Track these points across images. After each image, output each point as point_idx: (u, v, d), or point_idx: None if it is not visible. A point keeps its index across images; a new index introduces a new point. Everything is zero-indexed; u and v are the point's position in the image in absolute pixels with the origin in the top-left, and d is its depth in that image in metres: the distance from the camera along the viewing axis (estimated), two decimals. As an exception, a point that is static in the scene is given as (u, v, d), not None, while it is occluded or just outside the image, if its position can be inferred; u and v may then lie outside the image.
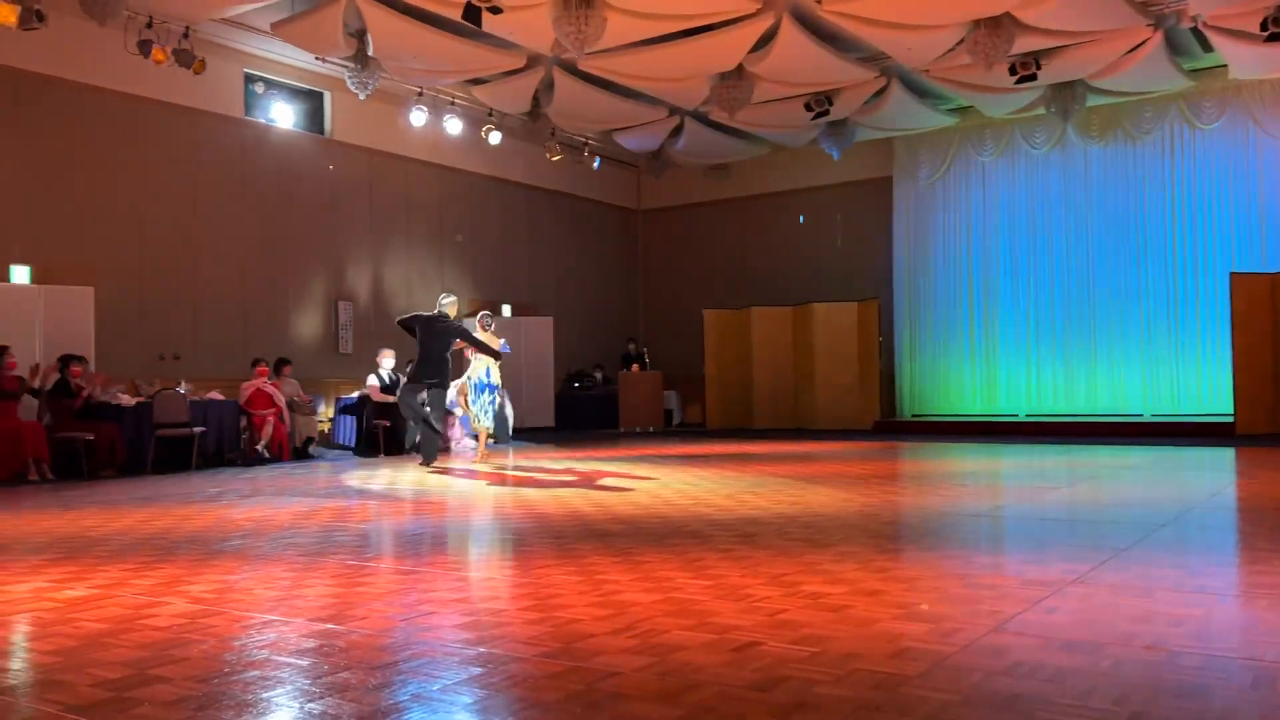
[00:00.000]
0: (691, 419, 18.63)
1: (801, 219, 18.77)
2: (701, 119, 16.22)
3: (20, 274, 11.20)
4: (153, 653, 3.18)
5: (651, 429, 17.01)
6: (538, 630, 3.39)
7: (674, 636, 3.28)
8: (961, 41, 12.38)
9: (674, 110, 15.92)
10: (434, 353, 10.10)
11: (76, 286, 11.42)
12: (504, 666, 2.98)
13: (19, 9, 10.36)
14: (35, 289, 11.08)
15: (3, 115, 11.31)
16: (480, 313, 11.77)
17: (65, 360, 10.27)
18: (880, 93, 14.87)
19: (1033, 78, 13.38)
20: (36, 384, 9.94)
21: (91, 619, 3.66)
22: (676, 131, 16.70)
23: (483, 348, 10.56)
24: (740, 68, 13.53)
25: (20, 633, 3.61)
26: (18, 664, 3.23)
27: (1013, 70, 13.25)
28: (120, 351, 12.02)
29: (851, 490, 7.56)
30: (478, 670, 2.95)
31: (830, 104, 14.84)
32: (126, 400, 10.73)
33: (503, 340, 11.28)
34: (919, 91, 15.17)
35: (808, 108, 14.97)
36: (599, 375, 18.32)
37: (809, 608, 3.66)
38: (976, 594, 3.91)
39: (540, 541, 5.37)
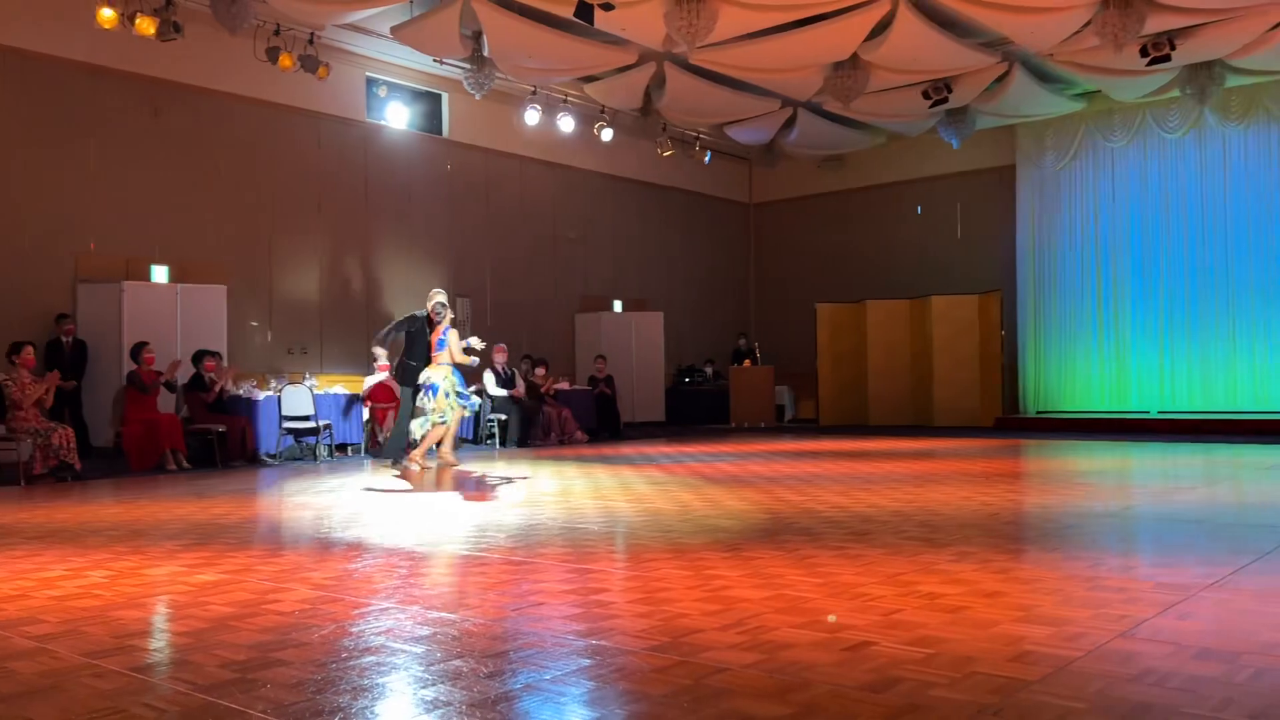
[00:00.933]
0: (804, 415, 18.41)
1: (919, 210, 18.34)
2: (815, 110, 16.00)
3: (160, 274, 11.79)
4: (275, 636, 3.29)
5: (763, 425, 16.87)
6: (646, 624, 3.38)
7: (784, 634, 3.24)
8: (1089, 23, 11.88)
9: (787, 102, 15.74)
10: (422, 353, 9.91)
11: (210, 285, 11.96)
12: (613, 659, 2.98)
13: (159, 21, 10.91)
14: (173, 287, 11.64)
15: (143, 123, 11.91)
16: (434, 301, 9.86)
17: (199, 355, 10.76)
18: (1002, 78, 14.39)
19: (1166, 59, 12.74)
20: (170, 378, 10.43)
21: (220, 603, 3.81)
22: (789, 123, 16.50)
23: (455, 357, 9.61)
24: (855, 56, 13.27)
25: (157, 615, 3.79)
26: (154, 644, 3.39)
27: (1144, 52, 12.65)
28: (251, 347, 12.56)
29: (971, 488, 7.34)
30: (587, 661, 2.96)
31: (949, 91, 14.43)
32: (257, 394, 11.19)
33: (467, 340, 9.87)
34: (1043, 76, 14.62)
35: (925, 96, 14.59)
36: (710, 370, 18.26)
37: (924, 608, 3.56)
38: (1103, 597, 3.74)
39: (650, 535, 5.37)
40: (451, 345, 9.47)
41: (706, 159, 17.66)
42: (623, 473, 9.24)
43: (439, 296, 9.90)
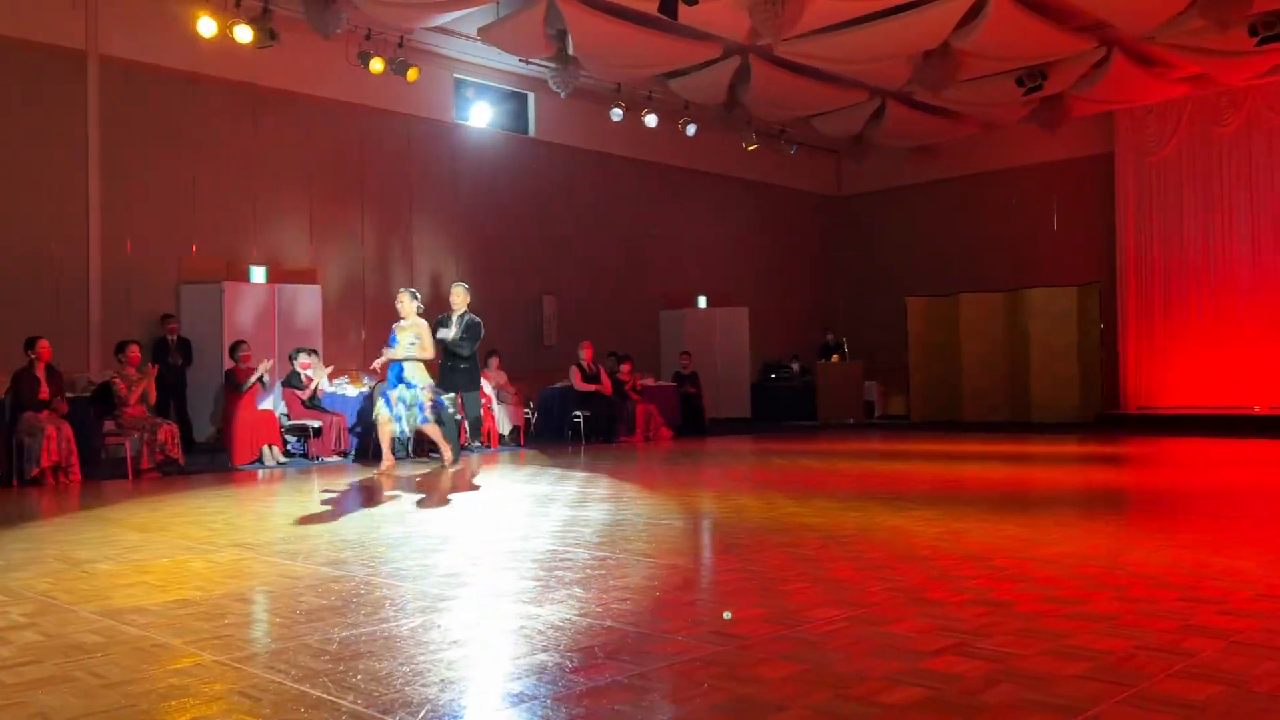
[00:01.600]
0: (894, 411, 18.11)
1: (1014, 200, 17.86)
2: (904, 100, 15.70)
3: (258, 274, 12.15)
4: (364, 629, 3.34)
5: (851, 421, 16.63)
6: (735, 621, 3.34)
7: (867, 633, 3.17)
8: (1193, 3, 11.41)
9: (875, 92, 15.48)
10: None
11: (306, 285, 12.28)
12: (697, 656, 2.95)
13: (256, 29, 11.22)
14: (270, 287, 11.98)
15: (243, 128, 12.28)
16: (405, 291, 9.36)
17: (295, 353, 11.05)
18: (1100, 63, 13.92)
19: (1277, 38, 12.17)
20: (257, 377, 10.67)
21: (313, 594, 3.88)
22: (878, 114, 16.22)
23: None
24: (946, 45, 12.98)
25: (259, 604, 3.88)
26: (254, 633, 3.47)
27: (1254, 31, 12.10)
28: (344, 344, 12.87)
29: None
30: (672, 658, 2.93)
31: (1044, 78, 14.02)
32: (350, 391, 11.44)
33: (451, 331, 9.58)
34: (1144, 60, 14.10)
35: (1019, 83, 14.21)
36: (796, 366, 18.08)
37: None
38: None
39: (735, 532, 5.32)
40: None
41: (792, 152, 17.48)
42: (706, 470, 9.20)
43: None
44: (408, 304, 9.07)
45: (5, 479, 8.58)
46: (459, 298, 9.81)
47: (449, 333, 9.57)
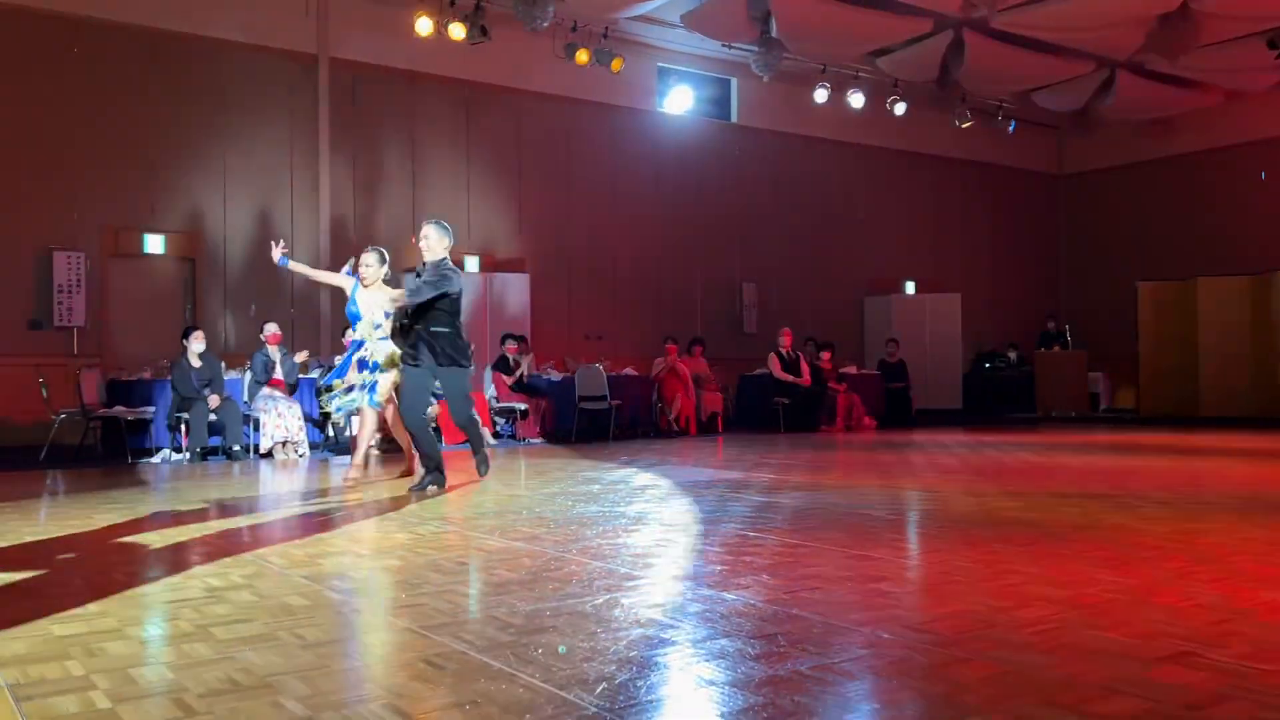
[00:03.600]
0: (1121, 404, 16.87)
1: (1263, 175, 16.23)
2: (1136, 69, 14.54)
3: (471, 264, 12.64)
4: (551, 603, 3.35)
5: (1074, 414, 15.62)
6: (927, 615, 3.14)
7: (1080, 637, 2.89)
8: None
9: (1102, 62, 14.42)
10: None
11: (515, 274, 12.68)
12: (887, 649, 2.78)
13: (468, 26, 11.66)
14: (483, 277, 12.43)
15: (456, 124, 12.81)
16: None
17: (505, 338, 11.42)
18: (1370, 17, 12.42)
19: None
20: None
21: (505, 568, 3.96)
22: (1105, 86, 15.11)
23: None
24: (1184, 6, 11.92)
25: (474, 569, 4.00)
26: (474, 589, 3.56)
27: None
28: (551, 331, 13.21)
29: None
30: (859, 650, 2.78)
31: (1301, 37, 12.66)
32: (555, 375, 11.74)
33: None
34: None
35: (1271, 45, 12.89)
36: (1013, 355, 17.12)
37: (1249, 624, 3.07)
38: None
39: (937, 526, 5.05)
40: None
41: (1010, 129, 16.55)
42: (910, 460, 8.84)
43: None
44: (375, 269, 7.10)
45: (243, 451, 9.30)
46: (434, 240, 6.54)
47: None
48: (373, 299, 7.09)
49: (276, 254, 7.28)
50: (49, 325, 10.57)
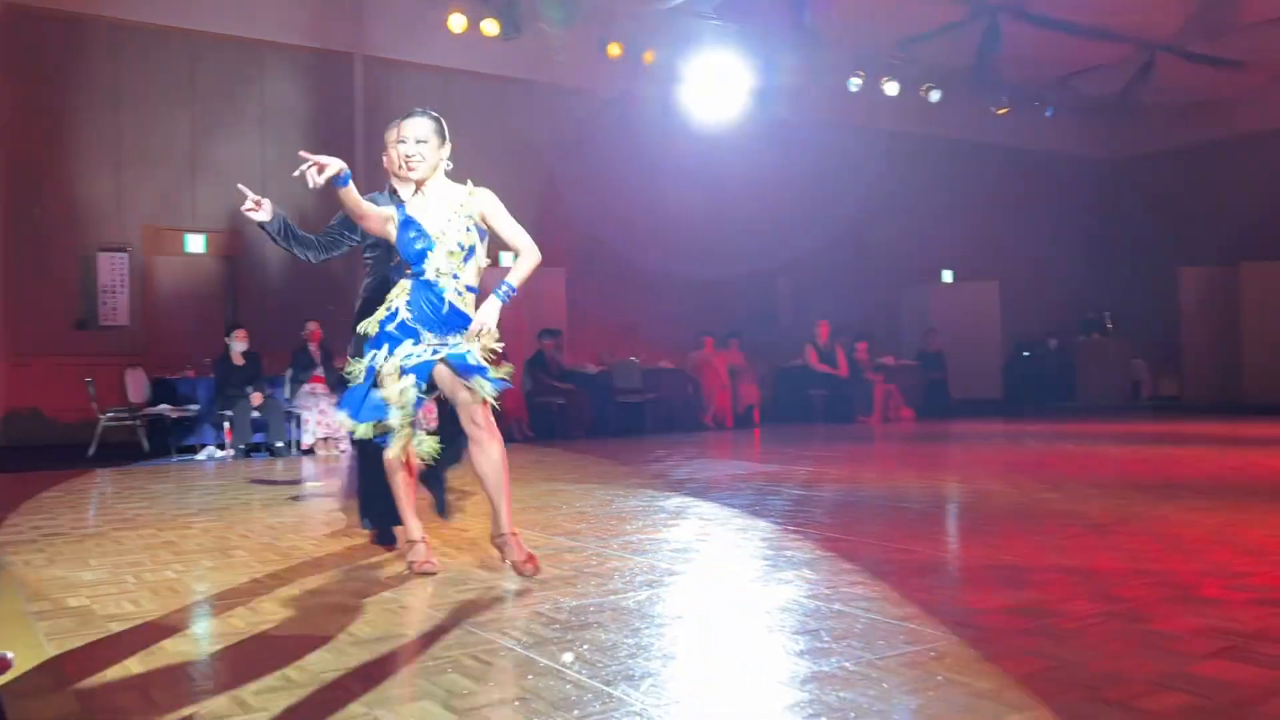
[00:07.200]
0: (1165, 392, 16.63)
1: (1308, 157, 15.91)
2: (1178, 51, 14.29)
3: (506, 258, 12.69)
4: (594, 600, 3.38)
5: (1117, 403, 15.43)
6: (974, 609, 3.14)
7: (1126, 631, 2.88)
8: None
9: (1142, 45, 14.18)
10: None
11: (548, 268, 12.71)
12: (930, 644, 2.79)
13: (500, 22, 11.70)
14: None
15: (489, 119, 12.87)
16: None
17: (542, 334, 11.48)
18: None
19: None
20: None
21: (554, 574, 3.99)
22: (1146, 69, 14.86)
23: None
24: (1226, -14, 11.71)
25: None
26: (523, 584, 3.61)
27: None
28: (587, 328, 13.24)
29: None
30: (906, 646, 2.78)
31: (1350, 15, 12.37)
32: (592, 369, 11.78)
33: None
34: None
35: (1317, 23, 12.60)
36: (1053, 344, 16.92)
37: (1313, 613, 3.04)
38: None
39: (978, 518, 5.03)
40: None
41: (1047, 114, 16.33)
42: (949, 451, 8.79)
43: None
44: (432, 146, 3.89)
45: (286, 449, 9.44)
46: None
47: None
48: (443, 200, 3.91)
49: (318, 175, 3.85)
50: (94, 325, 10.78)
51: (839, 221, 15.59)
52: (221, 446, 9.32)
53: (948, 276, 16.67)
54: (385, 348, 3.73)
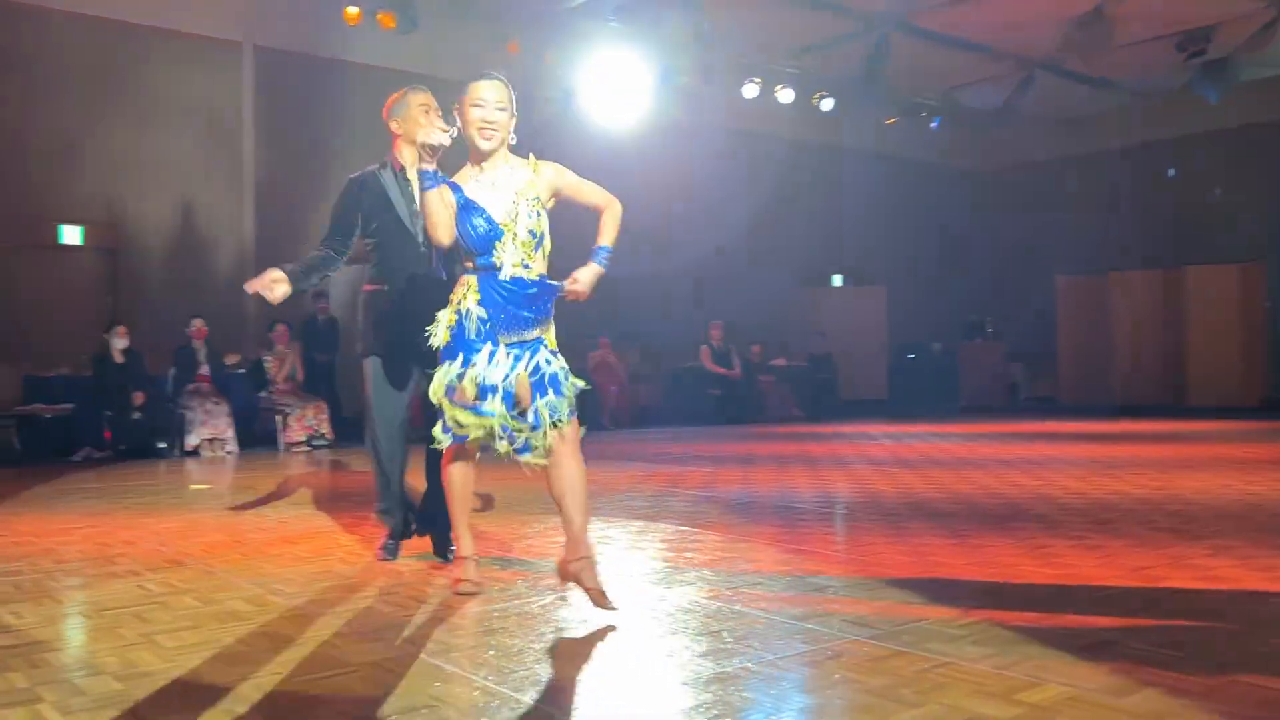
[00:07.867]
0: (1040, 394, 17.41)
1: (1171, 173, 16.87)
2: (1054, 69, 14.98)
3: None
4: (499, 605, 3.39)
5: (994, 404, 16.08)
6: (864, 609, 3.26)
7: (1004, 623, 3.03)
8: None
9: (1022, 61, 14.82)
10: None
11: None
12: (828, 644, 2.89)
13: (397, 16, 11.52)
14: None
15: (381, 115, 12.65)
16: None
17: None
18: (1271, 24, 12.95)
19: None
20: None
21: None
22: (1025, 84, 15.52)
23: None
24: (1098, 9, 12.31)
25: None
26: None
27: None
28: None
29: (1231, 475, 6.68)
30: (803, 646, 2.88)
31: (1208, 42, 13.14)
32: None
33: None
34: (1322, 18, 13.05)
35: (1180, 48, 13.36)
36: (937, 347, 17.56)
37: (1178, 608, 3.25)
38: (1396, 606, 3.27)
39: (869, 518, 5.20)
40: None
41: (933, 125, 16.91)
42: (840, 450, 9.03)
43: None
44: (508, 118, 3.67)
45: (169, 450, 9.13)
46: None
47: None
48: (505, 180, 3.59)
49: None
50: (-43, 320, 10.21)
51: (735, 225, 15.85)
52: (100, 448, 8.96)
53: (838, 281, 17.10)
54: (460, 358, 3.31)
